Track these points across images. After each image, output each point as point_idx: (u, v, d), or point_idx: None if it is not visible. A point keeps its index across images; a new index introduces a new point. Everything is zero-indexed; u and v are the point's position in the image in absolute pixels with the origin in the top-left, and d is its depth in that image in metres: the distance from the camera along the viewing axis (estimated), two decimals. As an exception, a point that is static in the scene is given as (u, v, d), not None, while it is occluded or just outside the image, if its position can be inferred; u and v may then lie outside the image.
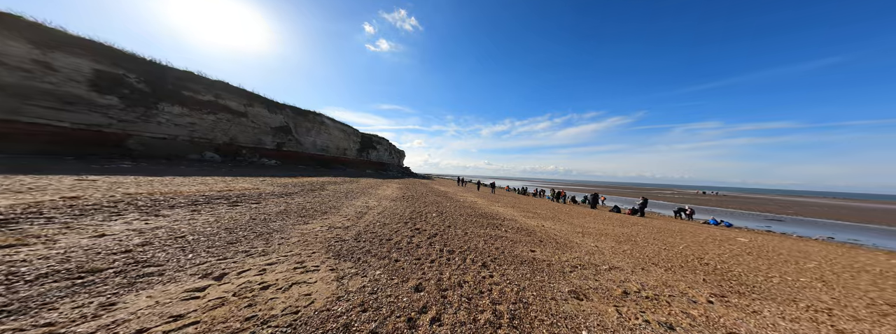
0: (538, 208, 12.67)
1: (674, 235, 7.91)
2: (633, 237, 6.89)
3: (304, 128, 31.07)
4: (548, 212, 11.42)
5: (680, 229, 9.70)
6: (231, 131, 20.29)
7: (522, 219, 8.03)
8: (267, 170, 16.16)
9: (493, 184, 28.18)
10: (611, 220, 10.49)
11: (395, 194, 11.61)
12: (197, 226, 3.71)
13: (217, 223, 3.97)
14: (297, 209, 5.72)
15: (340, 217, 5.51)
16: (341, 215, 5.69)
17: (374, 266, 3.02)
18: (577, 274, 3.42)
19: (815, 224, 18.37)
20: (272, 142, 24.76)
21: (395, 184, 19.57)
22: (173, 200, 5.04)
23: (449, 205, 9.75)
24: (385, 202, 8.65)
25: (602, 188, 72.96)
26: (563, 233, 6.52)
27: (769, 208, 30.09)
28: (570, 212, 12.71)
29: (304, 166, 27.11)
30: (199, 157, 16.42)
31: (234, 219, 4.31)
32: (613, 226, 8.87)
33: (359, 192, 10.64)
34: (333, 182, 13.81)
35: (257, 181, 9.90)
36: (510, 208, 11.17)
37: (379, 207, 7.39)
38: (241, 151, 20.15)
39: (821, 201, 48.91)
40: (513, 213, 9.33)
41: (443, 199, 11.57)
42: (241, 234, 3.56)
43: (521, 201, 16.41)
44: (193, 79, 17.94)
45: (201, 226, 3.73)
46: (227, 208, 4.97)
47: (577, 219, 9.98)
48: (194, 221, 3.91)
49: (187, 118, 16.86)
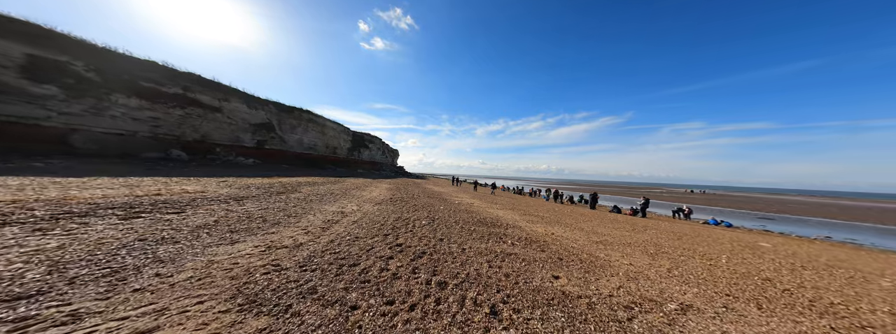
0: (539, 210, 11.57)
1: (696, 241, 6.88)
2: (659, 246, 5.79)
3: (289, 125, 29.26)
4: (550, 214, 10.31)
5: (694, 232, 8.72)
6: (203, 127, 18.48)
7: (527, 226, 6.85)
8: (239, 170, 14.54)
9: (493, 185, 27.53)
10: (618, 223, 9.45)
11: (382, 196, 10.28)
12: None
13: (59, 251, 2.59)
14: (237, 220, 4.34)
15: (297, 229, 4.17)
16: (299, 227, 4.34)
17: (308, 326, 1.75)
18: (641, 323, 2.22)
19: (803, 222, 18.58)
20: (252, 140, 22.96)
21: (385, 184, 18.19)
22: (31, 212, 3.56)
23: (442, 208, 8.50)
24: (367, 206, 7.33)
25: (595, 187, 73.17)
26: (580, 243, 5.36)
27: (757, 206, 30.08)
28: (572, 213, 11.66)
29: (288, 165, 25.36)
30: (162, 156, 14.63)
31: (96, 243, 2.80)
32: (626, 230, 7.80)
33: (339, 194, 9.27)
34: (313, 182, 12.35)
35: (214, 182, 8.40)
36: (510, 211, 10.01)
37: (357, 213, 6.07)
38: (215, 149, 18.35)
39: (800, 199, 50.04)
40: (515, 218, 8.16)
41: (436, 202, 10.32)
42: (72, 273, 2.13)
43: (519, 202, 15.32)
44: (157, 69, 16.10)
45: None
46: (112, 223, 3.48)
47: (584, 222, 8.89)
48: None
49: (148, 112, 15.04)
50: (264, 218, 4.67)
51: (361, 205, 7.31)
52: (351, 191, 10.67)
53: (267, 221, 4.45)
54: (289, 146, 29.11)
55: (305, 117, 31.75)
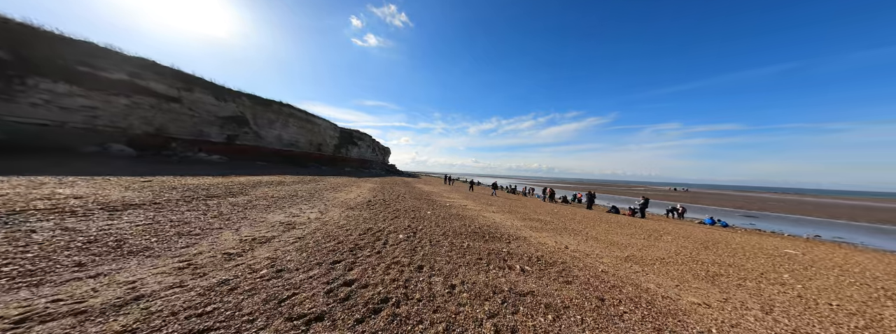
0: (539, 212, 10.33)
1: (728, 252, 5.75)
2: (700, 262, 4.59)
3: (266, 119, 26.87)
4: (552, 218, 9.07)
5: (709, 237, 7.65)
6: (157, 119, 16.15)
7: (533, 236, 5.51)
8: (197, 168, 12.53)
9: (494, 185, 21.43)
10: (626, 227, 8.31)
11: (359, 198, 8.70)
12: None
13: None
14: (60, 247, 2.68)
15: (169, 262, 2.56)
16: (179, 257, 2.69)
17: None
18: None
19: (785, 219, 18.51)
20: (220, 135, 20.64)
21: (369, 183, 16.53)
22: None
23: (430, 213, 7.05)
24: (334, 213, 5.78)
25: (583, 186, 73.69)
26: (608, 263, 4.06)
27: (738, 204, 30.33)
28: (574, 216, 10.49)
29: (264, 163, 23.15)
30: (99, 150, 12.38)
31: None
32: (643, 238, 6.63)
33: (305, 197, 7.63)
34: (279, 182, 10.58)
35: (127, 182, 6.56)
36: (508, 214, 8.69)
37: (311, 225, 4.52)
38: (170, 144, 16.06)
39: (773, 196, 51.90)
40: (515, 224, 6.82)
41: (423, 204, 8.85)
42: None
43: (515, 203, 14.08)
44: (96, 52, 13.69)
45: None
46: None
47: (592, 227, 7.67)
48: None
49: (82, 100, 12.70)
50: (123, 241, 2.91)
51: (326, 212, 5.74)
52: (323, 193, 9.02)
53: (119, 249, 2.75)
54: (266, 142, 26.76)
55: (285, 111, 29.36)
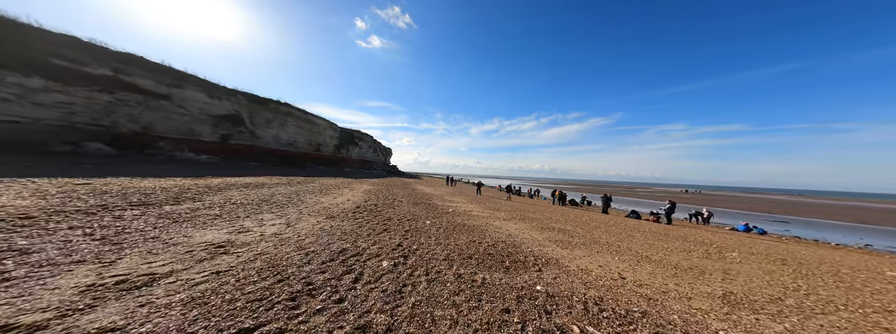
0: (554, 219, 8.99)
1: (829, 278, 4.34)
2: (827, 302, 3.24)
3: (263, 118, 26.03)
4: (575, 227, 7.73)
5: (779, 253, 6.20)
6: (144, 117, 15.27)
7: (565, 256, 4.22)
8: (181, 168, 11.52)
9: (508, 188, 18.36)
10: (668, 238, 6.94)
11: (349, 203, 7.50)
12: None
13: None
14: None
15: None
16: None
17: None
18: None
19: (822, 225, 16.92)
20: (213, 134, 19.75)
21: (366, 185, 15.38)
22: None
23: (429, 223, 5.80)
24: (308, 223, 4.58)
25: (590, 187, 71.60)
26: (705, 308, 2.75)
27: (761, 207, 28.38)
28: (595, 223, 9.12)
29: (257, 163, 22.23)
30: (71, 149, 11.45)
31: None
32: (702, 255, 5.26)
33: (281, 202, 6.46)
34: (259, 184, 9.44)
35: (62, 184, 5.48)
36: (522, 223, 7.38)
37: (264, 244, 3.30)
38: (157, 143, 15.15)
39: (789, 198, 49.52)
40: (536, 237, 5.52)
41: (422, 211, 7.60)
42: None
43: (524, 207, 12.75)
44: (76, 45, 12.85)
45: None
46: None
47: (627, 239, 6.32)
48: None
49: (58, 96, 11.82)
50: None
51: (296, 224, 4.54)
52: (306, 197, 7.84)
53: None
54: (263, 142, 25.90)
55: (283, 110, 28.51)
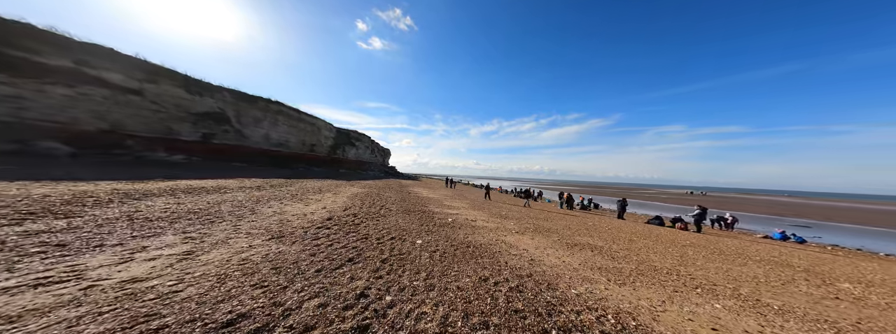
0: (574, 229, 7.50)
1: None
2: None
3: (251, 117, 24.59)
4: (607, 242, 6.25)
5: (863, 275, 4.71)
6: (112, 114, 13.84)
7: (632, 301, 2.73)
8: (138, 170, 10.09)
9: (527, 192, 15.01)
10: (725, 256, 5.43)
11: (325, 211, 6.04)
12: None
13: None
14: None
15: None
16: None
17: None
18: None
19: (848, 230, 15.43)
20: (194, 133, 18.31)
21: (356, 188, 13.92)
22: None
23: (421, 243, 4.33)
24: (231, 248, 3.12)
25: (592, 188, 69.99)
26: None
27: (773, 209, 26.98)
28: (627, 235, 7.65)
29: (243, 164, 20.80)
30: (18, 148, 10.01)
31: None
32: (820, 295, 3.78)
33: (223, 213, 4.98)
34: (218, 188, 7.96)
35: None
36: (539, 236, 5.90)
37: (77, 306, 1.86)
38: (125, 142, 13.71)
39: (792, 200, 48.19)
40: (570, 263, 4.04)
41: (414, 221, 6.13)
42: None
43: (532, 212, 11.29)
44: (30, 33, 11.43)
45: None
46: None
47: (684, 261, 4.83)
48: None
49: (5, 88, 10.41)
50: None
51: (213, 250, 3.07)
52: (267, 205, 6.34)
53: None
54: (251, 141, 24.46)
55: (273, 108, 27.07)
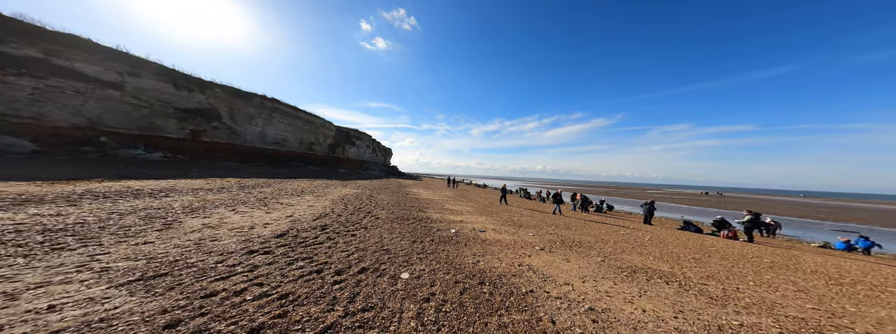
0: (611, 242, 6.11)
1: None
2: None
3: (244, 114, 23.58)
4: (670, 264, 4.85)
5: None
6: (88, 109, 12.83)
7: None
8: (103, 169, 9.00)
9: (557, 196, 11.94)
10: (828, 279, 4.02)
11: (284, 223, 4.78)
12: None
13: None
14: None
15: None
16: None
17: None
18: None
19: (880, 233, 13.88)
20: (180, 130, 17.29)
21: (348, 189, 12.70)
22: None
23: (407, 281, 3.04)
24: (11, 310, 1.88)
25: (598, 188, 68.05)
26: None
27: (804, 212, 24.95)
28: (670, 247, 6.20)
29: (234, 163, 19.76)
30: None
31: None
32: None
33: (106, 232, 3.79)
34: (168, 190, 6.77)
35: None
36: (575, 255, 4.53)
37: None
38: (99, 139, 12.67)
39: (814, 201, 46.04)
40: (650, 310, 2.70)
41: (405, 237, 4.83)
42: None
43: (550, 218, 9.91)
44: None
45: None
46: None
47: (783, 291, 3.42)
48: None
49: (-46, 78, 9.43)
50: None
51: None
52: (195, 217, 5.09)
53: None
54: (245, 139, 23.47)
55: (269, 105, 26.04)
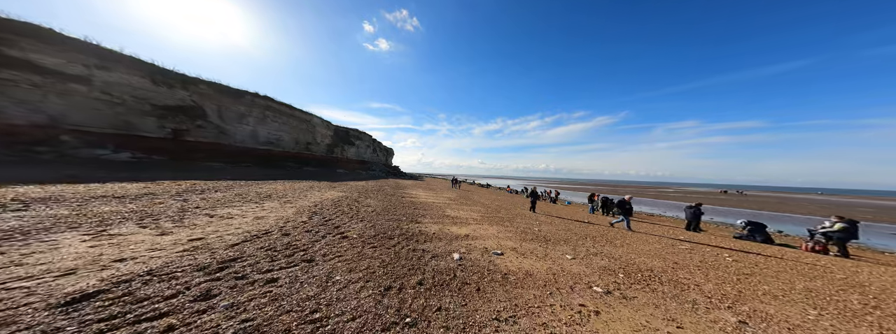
0: (684, 266, 4.46)
1: None
2: None
3: (234, 113, 22.33)
4: (796, 310, 3.19)
5: None
6: (48, 105, 11.57)
7: None
8: (37, 171, 7.65)
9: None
10: None
11: (175, 251, 3.29)
12: None
13: None
14: None
15: None
16: None
17: None
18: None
19: None
20: (160, 129, 16.03)
21: (333, 192, 11.19)
22: None
23: None
24: None
25: (604, 187, 65.71)
26: None
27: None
28: (770, 272, 4.51)
29: (221, 164, 18.48)
30: None
31: None
32: None
33: None
34: (63, 198, 5.36)
35: None
36: (661, 301, 2.95)
37: None
38: (60, 137, 11.40)
39: (832, 199, 43.44)
40: None
41: (372, 277, 3.30)
42: None
43: (573, 226, 8.22)
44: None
45: None
46: None
47: None
48: None
49: None
50: None
51: None
52: (68, 239, 3.65)
53: None
54: (235, 139, 22.21)
55: (261, 104, 24.78)
